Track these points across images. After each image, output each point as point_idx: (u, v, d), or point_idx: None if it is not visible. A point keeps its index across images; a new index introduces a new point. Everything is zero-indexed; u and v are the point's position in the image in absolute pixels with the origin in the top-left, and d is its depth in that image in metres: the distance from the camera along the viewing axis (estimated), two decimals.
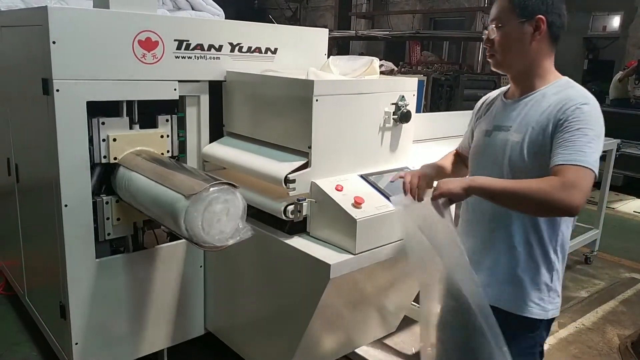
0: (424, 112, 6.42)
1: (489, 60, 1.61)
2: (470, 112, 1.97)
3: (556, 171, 1.39)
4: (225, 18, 3.26)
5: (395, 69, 8.99)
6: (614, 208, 6.09)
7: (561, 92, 1.51)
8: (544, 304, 1.58)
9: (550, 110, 1.48)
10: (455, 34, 10.96)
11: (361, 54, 10.62)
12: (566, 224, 1.60)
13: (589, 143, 1.39)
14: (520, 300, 1.59)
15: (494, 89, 6.93)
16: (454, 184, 1.52)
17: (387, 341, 2.89)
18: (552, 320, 1.65)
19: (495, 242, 1.63)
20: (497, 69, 1.62)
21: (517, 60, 1.57)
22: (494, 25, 1.57)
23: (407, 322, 2.98)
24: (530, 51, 1.54)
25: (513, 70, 1.61)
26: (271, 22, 2.58)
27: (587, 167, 1.36)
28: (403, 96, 2.25)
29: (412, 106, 2.28)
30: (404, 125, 2.30)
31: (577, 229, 4.41)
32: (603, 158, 4.22)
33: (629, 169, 6.58)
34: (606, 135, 4.37)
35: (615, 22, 10.22)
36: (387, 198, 2.03)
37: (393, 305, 2.52)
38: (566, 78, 1.58)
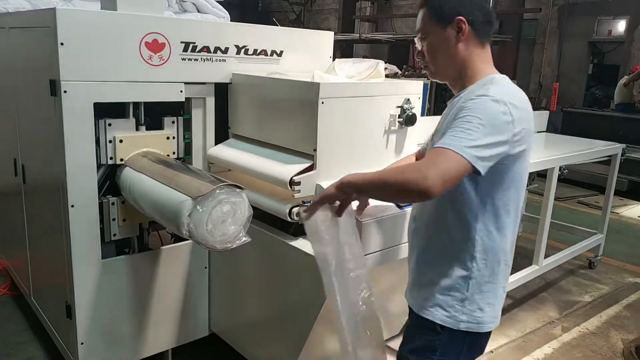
0: (427, 115, 6.41)
1: (425, 71, 1.58)
2: None
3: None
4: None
5: (399, 72, 8.99)
6: (618, 213, 6.07)
7: (476, 89, 1.43)
8: (454, 312, 1.48)
9: (458, 107, 1.41)
10: None
11: (365, 57, 10.63)
12: (487, 229, 1.44)
13: (468, 130, 1.28)
14: (427, 301, 1.51)
15: None
16: (332, 184, 1.49)
17: (390, 344, 2.88)
18: (469, 335, 1.49)
19: (414, 241, 1.61)
20: (433, 78, 1.58)
21: (448, 66, 1.51)
22: (419, 37, 1.54)
23: None
24: (458, 54, 1.48)
25: (448, 77, 1.55)
26: (275, 25, 2.60)
27: (451, 150, 1.26)
28: (408, 99, 2.25)
29: (417, 109, 2.28)
30: (409, 128, 2.31)
31: (581, 233, 4.41)
32: (608, 162, 4.22)
33: (633, 174, 6.57)
34: (610, 139, 4.32)
35: (621, 26, 10.20)
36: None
37: (396, 308, 2.52)
38: (492, 75, 1.47)
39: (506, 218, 1.46)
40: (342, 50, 11.90)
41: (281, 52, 2.52)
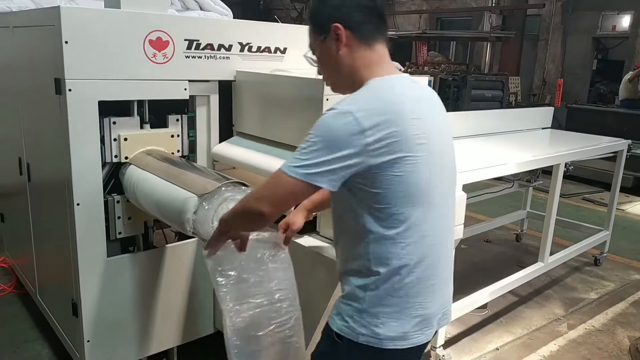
0: None
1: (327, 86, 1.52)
2: (478, 112, 1.95)
3: None
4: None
5: (402, 69, 8.97)
6: (623, 209, 6.04)
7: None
8: (352, 322, 1.38)
9: None
10: (462, 34, 10.94)
11: None
12: (379, 241, 1.33)
13: (304, 149, 1.26)
14: (335, 308, 1.45)
15: (501, 90, 7.00)
16: None
17: None
18: (371, 350, 1.36)
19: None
20: (335, 92, 1.49)
21: (339, 77, 1.43)
22: (311, 53, 1.48)
23: None
24: (343, 63, 1.39)
25: (345, 88, 1.43)
26: (276, 22, 2.60)
27: (281, 171, 1.27)
28: None
29: None
30: None
31: (587, 230, 4.40)
32: (612, 159, 4.20)
33: (639, 170, 6.53)
34: (615, 135, 4.26)
35: (625, 21, 10.15)
36: None
37: None
38: (369, 81, 1.35)
39: (401, 230, 1.32)
40: None
41: (285, 49, 2.51)
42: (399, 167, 1.27)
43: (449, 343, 2.97)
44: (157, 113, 2.25)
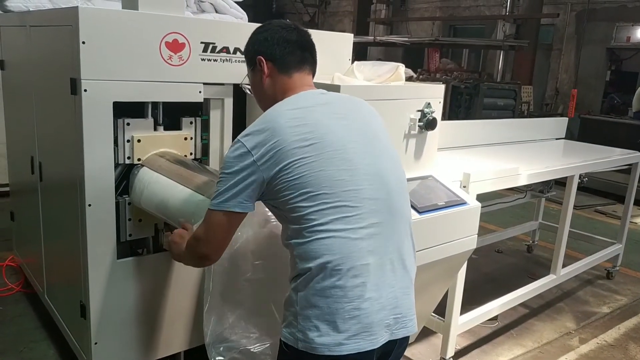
0: (442, 120, 6.35)
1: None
2: (491, 121, 1.95)
3: None
4: None
5: (414, 75, 8.95)
6: (636, 223, 5.96)
7: None
8: (292, 328, 1.38)
9: None
10: (475, 41, 10.90)
11: (379, 59, 10.60)
12: (298, 239, 1.38)
13: (218, 182, 1.43)
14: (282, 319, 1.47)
15: (514, 99, 6.96)
16: None
17: (406, 352, 2.85)
18: (311, 357, 1.34)
19: None
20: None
21: (264, 101, 1.62)
22: (246, 81, 1.68)
23: (425, 333, 2.94)
24: (267, 90, 1.59)
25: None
26: None
27: (210, 209, 1.43)
28: (429, 103, 2.22)
29: (438, 113, 2.25)
30: (429, 133, 2.28)
31: (600, 243, 4.33)
32: (625, 171, 4.14)
33: None
34: (629, 147, 4.19)
35: None
36: (411, 205, 2.00)
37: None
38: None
39: (316, 228, 1.36)
40: (356, 53, 11.88)
41: None
42: (293, 172, 1.36)
43: (458, 355, 2.93)
44: (171, 115, 2.24)
